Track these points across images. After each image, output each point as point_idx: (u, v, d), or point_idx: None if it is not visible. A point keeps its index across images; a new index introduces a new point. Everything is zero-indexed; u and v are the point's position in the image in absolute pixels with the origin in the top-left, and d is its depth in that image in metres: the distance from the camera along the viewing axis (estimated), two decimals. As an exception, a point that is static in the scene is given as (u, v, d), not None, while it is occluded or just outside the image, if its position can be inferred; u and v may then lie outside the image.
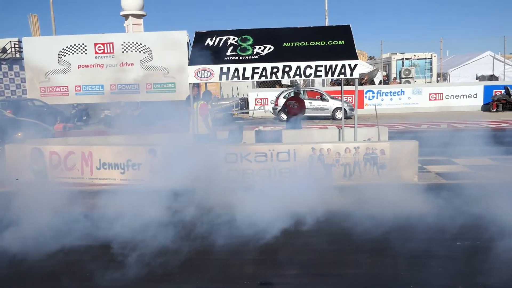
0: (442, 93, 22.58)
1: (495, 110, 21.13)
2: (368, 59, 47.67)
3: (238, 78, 8.88)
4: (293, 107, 11.37)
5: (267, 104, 22.24)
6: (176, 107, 12.87)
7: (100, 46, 21.64)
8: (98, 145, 9.14)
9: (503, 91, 21.82)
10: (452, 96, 22.48)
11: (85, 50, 21.45)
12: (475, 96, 22.52)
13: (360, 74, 9.81)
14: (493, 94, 22.10)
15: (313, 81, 26.29)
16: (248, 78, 8.87)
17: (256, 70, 8.81)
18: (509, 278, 4.47)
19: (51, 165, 8.83)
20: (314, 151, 8.12)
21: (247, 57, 8.98)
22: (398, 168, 8.04)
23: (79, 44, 21.62)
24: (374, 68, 29.39)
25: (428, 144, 10.85)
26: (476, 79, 27.73)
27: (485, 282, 4.41)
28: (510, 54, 54.92)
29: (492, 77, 27.17)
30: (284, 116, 15.12)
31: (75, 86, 21.80)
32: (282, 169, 8.10)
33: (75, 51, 21.60)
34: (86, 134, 11.42)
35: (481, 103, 22.36)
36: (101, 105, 20.02)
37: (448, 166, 9.51)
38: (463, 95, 22.54)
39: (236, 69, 8.69)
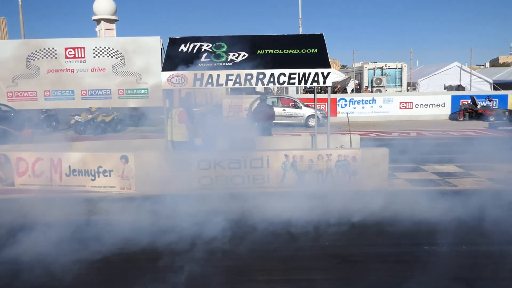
0: (412, 102, 23.16)
1: (462, 119, 21.81)
2: (341, 68, 48.49)
3: (212, 85, 8.86)
4: (261, 115, 11.33)
5: (242, 111, 22.26)
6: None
7: (70, 51, 21.17)
8: (67, 152, 8.94)
9: (469, 100, 22.56)
10: (421, 105, 23.09)
11: (55, 54, 20.99)
12: (443, 105, 23.19)
13: (333, 82, 9.97)
14: (460, 104, 22.82)
15: (286, 88, 26.52)
16: (222, 84, 8.87)
17: (230, 77, 8.82)
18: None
19: (18, 172, 8.58)
20: (287, 158, 8.18)
21: (221, 64, 9.00)
22: (369, 175, 8.19)
23: (48, 49, 21.09)
24: (347, 76, 29.91)
25: (398, 152, 11.10)
26: (444, 89, 28.58)
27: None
28: (477, 65, 56.97)
29: (459, 87, 28.08)
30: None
31: (44, 91, 21.22)
32: (255, 175, 8.12)
33: (44, 56, 21.08)
34: (56, 140, 11.15)
35: (449, 112, 23.04)
36: (71, 110, 19.58)
37: (417, 173, 9.74)
38: (432, 104, 23.18)
39: (210, 76, 8.68)
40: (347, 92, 26.77)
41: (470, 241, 5.69)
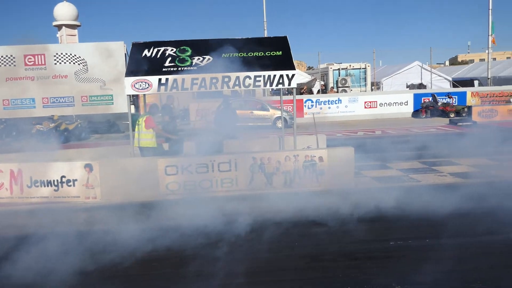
0: (376, 101, 23.68)
1: (424, 116, 22.46)
2: (307, 69, 49.11)
3: (177, 89, 8.79)
4: (223, 118, 11.23)
5: (209, 115, 22.16)
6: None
7: (30, 58, 20.49)
8: (28, 162, 8.64)
9: (430, 98, 23.27)
10: (385, 104, 23.64)
11: (14, 62, 20.32)
12: (406, 103, 23.81)
13: (299, 83, 10.07)
14: (422, 102, 23.50)
15: (254, 91, 26.58)
16: (187, 89, 8.81)
17: (195, 81, 8.78)
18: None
19: (-24, 185, 8.24)
20: (255, 160, 8.20)
21: (186, 68, 8.94)
22: (336, 174, 8.31)
23: (6, 56, 20.40)
24: (313, 78, 30.30)
25: (364, 150, 11.34)
26: (407, 87, 29.38)
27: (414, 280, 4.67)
28: (437, 64, 58.86)
29: (421, 86, 28.92)
30: None
31: (3, 100, 20.49)
32: (223, 179, 8.10)
33: (2, 63, 20.40)
34: (16, 151, 10.77)
35: (412, 110, 23.67)
36: (32, 119, 18.96)
37: (383, 170, 9.96)
38: (395, 103, 23.76)
39: (175, 80, 8.61)
40: (313, 93, 27.10)
41: (434, 235, 5.87)
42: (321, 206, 7.07)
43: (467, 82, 30.01)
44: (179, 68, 8.89)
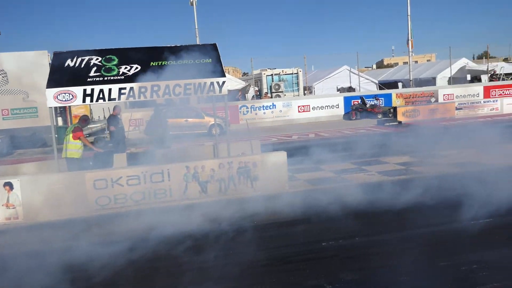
0: (309, 105, 24.36)
1: (354, 118, 23.43)
2: (242, 75, 49.46)
3: (104, 100, 8.48)
4: (155, 127, 11.06)
5: (143, 125, 21.59)
6: None
7: None
8: None
9: (359, 100, 24.35)
10: (318, 108, 24.38)
11: None
12: (337, 106, 24.72)
13: (233, 90, 10.10)
14: (352, 104, 24.52)
15: (188, 98, 26.29)
16: (114, 99, 8.53)
17: (123, 91, 8.52)
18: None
19: None
20: (189, 170, 8.09)
21: (112, 78, 8.65)
22: (270, 179, 8.41)
23: None
24: (247, 84, 30.56)
25: (298, 154, 11.61)
26: (337, 91, 30.52)
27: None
28: (365, 67, 61.75)
29: (350, 89, 30.17)
30: None
31: None
32: (156, 190, 7.91)
33: None
34: None
35: (343, 113, 24.61)
36: None
37: (317, 172, 10.22)
38: (327, 106, 24.60)
39: (101, 91, 8.30)
40: (246, 99, 27.32)
41: (364, 233, 6.12)
42: (255, 211, 7.13)
43: (392, 84, 31.75)
44: (105, 78, 8.58)
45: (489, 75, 30.58)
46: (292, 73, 28.38)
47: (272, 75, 28.36)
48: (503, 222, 6.18)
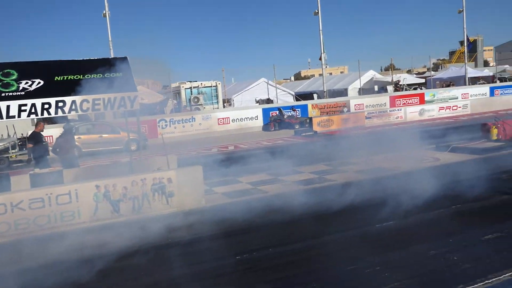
0: (229, 117, 24.53)
1: (273, 129, 24.01)
2: (162, 88, 48.53)
3: (2, 118, 7.85)
4: (64, 145, 10.44)
5: (52, 142, 20.27)
6: None
7: None
8: None
9: (277, 112, 25.02)
10: (237, 119, 24.64)
11: None
12: (256, 118, 25.18)
13: (151, 103, 9.84)
14: (270, 115, 25.13)
15: (103, 113, 25.22)
16: (14, 116, 7.93)
17: (23, 108, 7.96)
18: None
19: None
20: (99, 189, 7.70)
21: (11, 94, 8.05)
22: (186, 194, 8.28)
23: None
24: (165, 97, 30.06)
25: (216, 167, 11.59)
26: (256, 102, 31.12)
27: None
28: (284, 79, 63.65)
29: (268, 101, 30.91)
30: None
31: None
32: (63, 212, 7.42)
33: None
34: None
35: (262, 124, 25.12)
36: None
37: (234, 185, 10.26)
38: (247, 118, 24.95)
39: (-2, 108, 7.67)
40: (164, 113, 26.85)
41: (277, 243, 6.22)
42: (170, 228, 6.98)
43: (308, 96, 33.06)
44: (3, 94, 7.96)
45: (393, 85, 33.06)
46: (211, 86, 28.44)
47: (191, 88, 28.19)
48: (403, 224, 6.65)
